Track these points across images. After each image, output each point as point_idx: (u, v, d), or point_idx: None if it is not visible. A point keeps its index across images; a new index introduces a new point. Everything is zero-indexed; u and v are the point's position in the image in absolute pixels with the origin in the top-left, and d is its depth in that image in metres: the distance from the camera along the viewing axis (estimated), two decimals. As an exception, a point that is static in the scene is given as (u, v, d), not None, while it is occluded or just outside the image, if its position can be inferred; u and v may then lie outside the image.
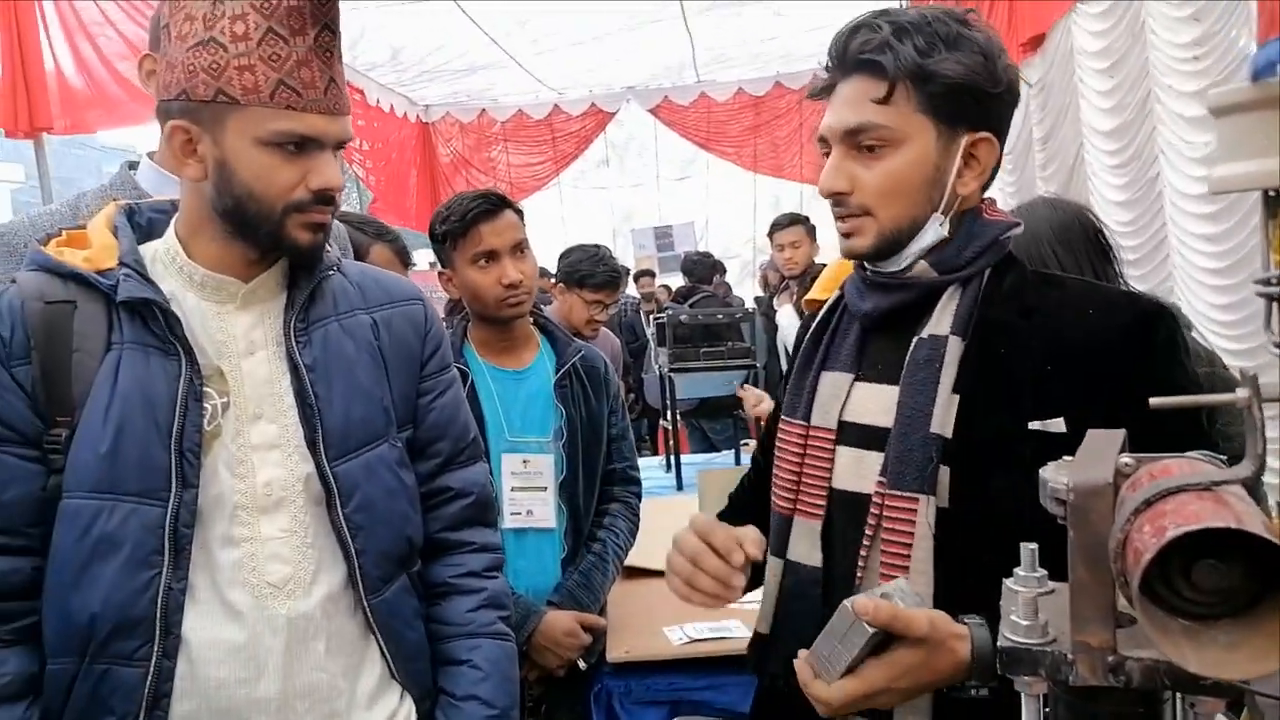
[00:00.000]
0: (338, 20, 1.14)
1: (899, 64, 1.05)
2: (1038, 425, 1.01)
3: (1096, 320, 1.06)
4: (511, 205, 1.98)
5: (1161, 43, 3.87)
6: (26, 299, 1.14)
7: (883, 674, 0.94)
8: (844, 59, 1.10)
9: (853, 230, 1.12)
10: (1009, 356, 1.06)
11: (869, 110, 1.08)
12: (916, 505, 1.05)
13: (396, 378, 1.31)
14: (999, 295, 1.11)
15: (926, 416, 1.06)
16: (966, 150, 1.09)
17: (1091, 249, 1.78)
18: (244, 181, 1.13)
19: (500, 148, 9.87)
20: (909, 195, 1.09)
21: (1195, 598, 0.51)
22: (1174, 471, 0.57)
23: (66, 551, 1.11)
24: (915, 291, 1.12)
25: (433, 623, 1.34)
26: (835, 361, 1.19)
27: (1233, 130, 0.47)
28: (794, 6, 7.10)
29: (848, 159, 1.11)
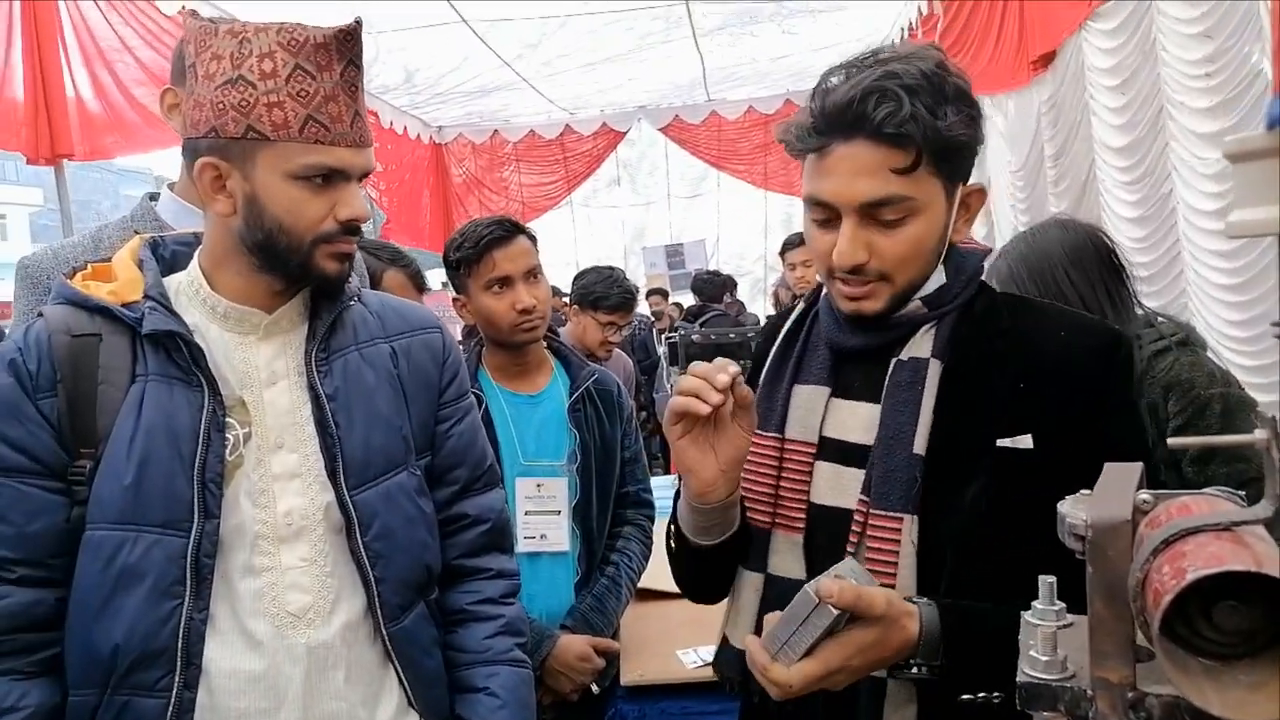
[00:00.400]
0: (362, 55, 1.16)
1: (925, 133, 1.01)
2: (1005, 442, 1.06)
3: (1068, 342, 1.10)
4: (525, 231, 2.00)
5: (1173, 59, 3.87)
6: (53, 332, 1.16)
7: (839, 654, 0.96)
8: (853, 124, 1.03)
9: (864, 295, 1.10)
10: (985, 377, 1.10)
11: (892, 182, 1.03)
12: (901, 524, 1.07)
13: (415, 406, 1.32)
14: (974, 318, 1.14)
15: (909, 437, 1.08)
16: (962, 199, 1.11)
17: (1105, 269, 1.78)
18: (274, 215, 1.15)
19: (512, 168, 9.94)
20: (925, 258, 1.10)
21: (1216, 638, 0.51)
22: (1193, 510, 0.57)
23: (90, 583, 1.12)
24: (906, 329, 1.14)
25: (450, 650, 1.35)
26: (809, 375, 1.20)
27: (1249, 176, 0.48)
28: (803, 25, 7.15)
29: (863, 229, 1.07)
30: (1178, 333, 1.80)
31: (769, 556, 1.18)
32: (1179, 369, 1.73)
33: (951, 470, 1.08)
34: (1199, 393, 1.70)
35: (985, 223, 6.64)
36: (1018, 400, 1.08)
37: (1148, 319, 1.83)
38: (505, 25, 6.50)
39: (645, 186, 10.76)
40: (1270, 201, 0.47)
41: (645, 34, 7.06)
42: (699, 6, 6.54)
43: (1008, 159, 5.93)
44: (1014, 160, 5.79)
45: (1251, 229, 0.48)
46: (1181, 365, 1.73)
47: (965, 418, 1.09)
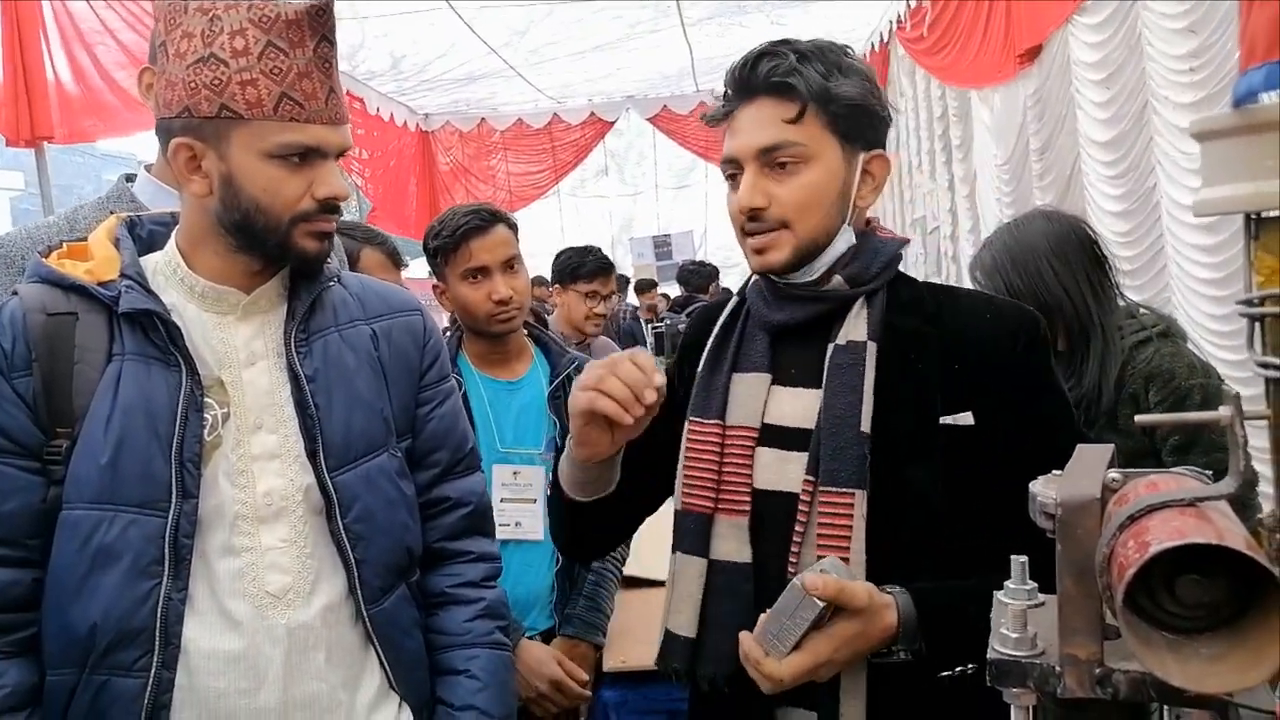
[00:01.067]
0: (334, 31, 1.15)
1: (808, 86, 1.13)
2: (949, 420, 1.14)
3: (991, 324, 1.19)
4: (504, 220, 1.97)
5: (1158, 54, 3.89)
6: (28, 311, 1.15)
7: (827, 646, 1.03)
8: (749, 84, 1.16)
9: (769, 244, 1.18)
10: (918, 359, 1.17)
11: (782, 129, 1.14)
12: (853, 499, 1.12)
13: (396, 388, 1.31)
14: (902, 305, 1.21)
15: (856, 416, 1.14)
16: (864, 167, 1.19)
17: (1088, 260, 1.80)
18: (251, 195, 1.14)
19: (500, 156, 9.90)
20: (823, 208, 1.17)
21: (1179, 611, 0.52)
22: (1160, 487, 0.58)
23: (66, 562, 1.12)
24: (830, 303, 1.20)
25: (430, 632, 1.35)
26: (747, 364, 1.24)
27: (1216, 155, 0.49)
28: (793, 16, 7.14)
29: (762, 177, 1.17)
30: (1159, 324, 1.82)
31: (711, 541, 1.21)
32: (1160, 359, 1.74)
33: (897, 447, 1.13)
34: (1179, 383, 1.72)
35: (971, 215, 6.67)
36: (953, 380, 1.15)
37: (1130, 310, 1.84)
38: (493, 11, 6.46)
39: (633, 177, 10.75)
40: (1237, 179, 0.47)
41: (634, 23, 7.04)
42: (687, -3, 6.53)
43: (993, 152, 5.94)
44: (999, 154, 5.81)
45: (1219, 206, 0.48)
46: (1163, 356, 1.75)
47: (905, 398, 1.15)
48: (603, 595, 2.01)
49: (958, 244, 7.08)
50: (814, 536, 1.14)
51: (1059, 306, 1.76)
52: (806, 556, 1.14)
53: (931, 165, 7.51)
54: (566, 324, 3.30)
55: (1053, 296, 1.76)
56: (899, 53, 7.62)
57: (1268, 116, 0.46)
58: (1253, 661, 0.50)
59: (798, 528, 1.15)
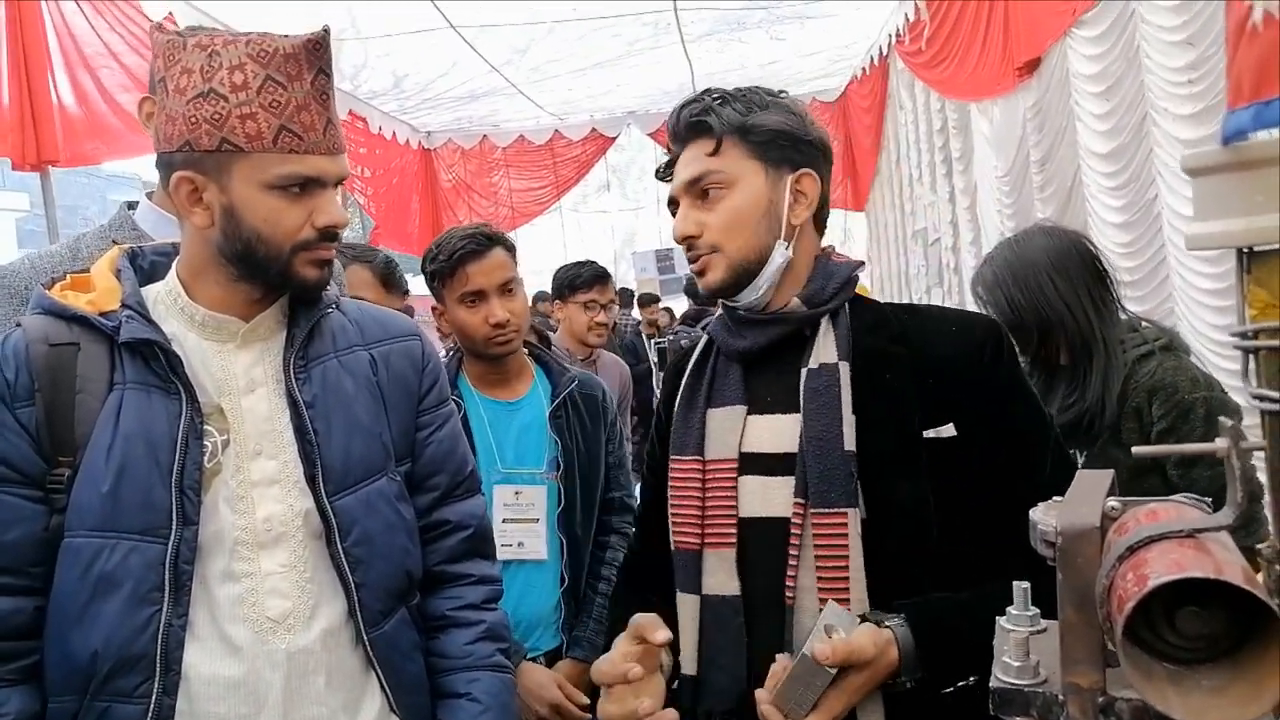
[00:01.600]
0: (331, 63, 1.17)
1: (722, 121, 1.22)
2: (931, 433, 1.16)
3: (956, 338, 1.22)
4: (502, 242, 1.97)
5: (1156, 66, 3.90)
6: (31, 342, 1.16)
7: (841, 701, 1.06)
8: (678, 131, 1.26)
9: (705, 267, 1.24)
10: (891, 377, 1.19)
11: (704, 162, 1.23)
12: (846, 519, 1.13)
13: (395, 413, 1.32)
14: (866, 326, 1.23)
15: (838, 437, 1.16)
16: (793, 186, 1.23)
17: (1089, 275, 1.79)
18: (253, 225, 1.15)
19: (502, 173, 9.93)
20: (749, 227, 1.22)
21: (1179, 643, 0.52)
22: (1160, 516, 0.58)
23: (68, 589, 1.12)
24: (790, 325, 1.24)
25: (431, 656, 1.35)
26: (721, 398, 1.28)
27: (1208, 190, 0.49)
28: (791, 31, 7.17)
29: (693, 208, 1.25)
30: (1161, 337, 1.81)
31: (702, 577, 1.22)
32: (1163, 373, 1.74)
33: (883, 465, 1.16)
34: (1183, 397, 1.71)
35: (972, 227, 6.68)
36: (928, 395, 1.17)
37: (1132, 324, 1.84)
38: (494, 31, 6.50)
39: (635, 192, 10.79)
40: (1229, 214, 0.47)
41: (634, 40, 7.08)
42: (687, 14, 6.56)
43: (994, 164, 5.95)
44: (1000, 166, 5.82)
45: (1212, 241, 0.48)
46: (1165, 370, 1.74)
47: (885, 415, 1.18)
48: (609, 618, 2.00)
49: (959, 255, 7.08)
50: (810, 559, 1.14)
51: (1061, 321, 1.76)
52: (804, 580, 1.14)
53: (932, 177, 7.52)
54: (570, 338, 3.30)
55: (1054, 311, 1.76)
56: (898, 66, 7.64)
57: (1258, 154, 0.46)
58: (1253, 694, 0.49)
59: (792, 551, 1.15)
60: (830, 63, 8.36)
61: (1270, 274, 0.48)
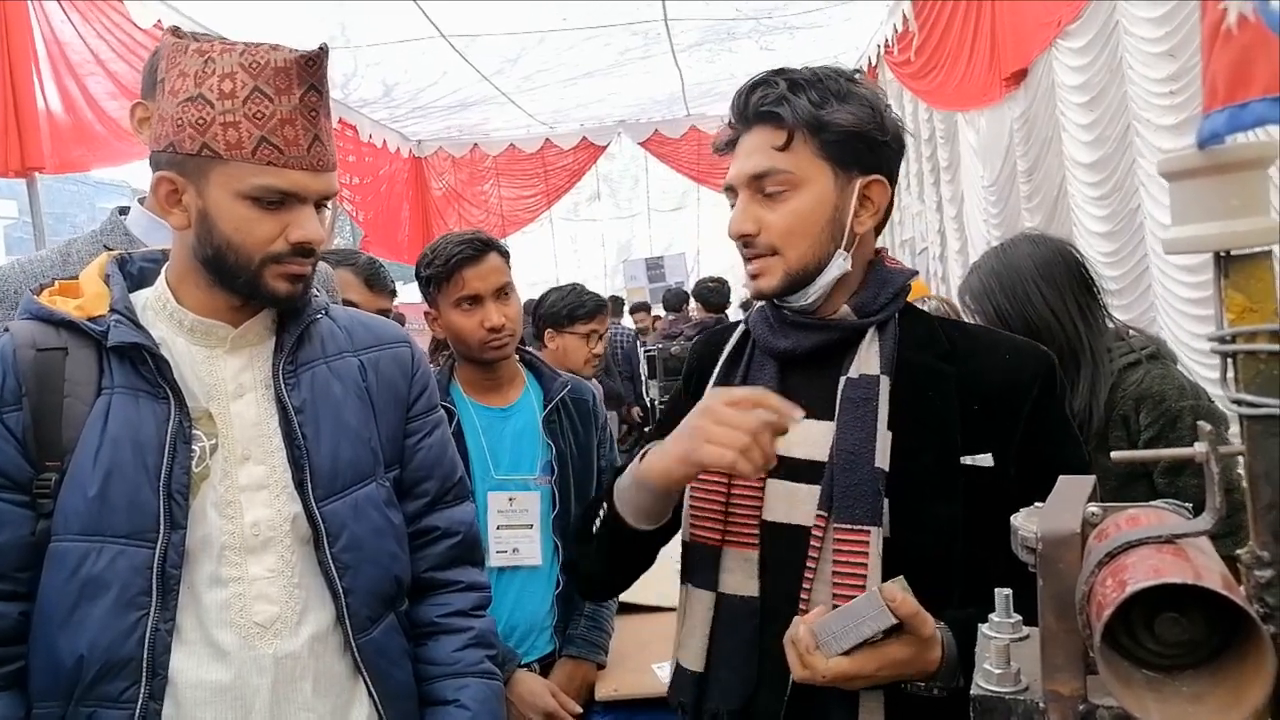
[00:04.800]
0: (325, 80, 1.16)
1: (796, 114, 1.13)
2: (969, 460, 1.12)
3: (1010, 366, 1.16)
4: (497, 248, 1.98)
5: (1139, 77, 3.93)
6: (19, 346, 1.15)
7: (873, 662, 1.01)
8: (745, 113, 1.18)
9: (761, 270, 1.18)
10: (934, 396, 1.14)
11: (771, 157, 1.15)
12: (868, 537, 1.10)
13: (384, 418, 1.32)
14: (914, 340, 1.18)
15: (869, 452, 1.12)
16: (861, 192, 1.17)
17: (1075, 283, 1.80)
18: (223, 233, 1.15)
19: (492, 181, 9.94)
20: (812, 234, 1.16)
21: (1158, 649, 0.52)
22: (1141, 522, 0.58)
23: (54, 593, 1.11)
24: (837, 333, 1.19)
25: (419, 663, 1.34)
26: None
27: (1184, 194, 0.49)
28: (781, 42, 7.21)
29: (753, 203, 1.17)
30: (1148, 346, 1.82)
31: (720, 574, 1.19)
32: (1150, 381, 1.74)
33: (915, 486, 1.11)
34: (1170, 405, 1.72)
35: (959, 236, 6.71)
36: (971, 420, 1.13)
37: (1119, 332, 1.85)
38: (484, 40, 6.51)
39: (626, 200, 10.81)
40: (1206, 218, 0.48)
41: (624, 49, 7.11)
42: (677, 24, 6.59)
43: (980, 174, 5.99)
44: (986, 175, 5.85)
45: (1189, 245, 0.49)
46: (1152, 378, 1.75)
47: (922, 435, 1.13)
48: (603, 615, 2.01)
49: (946, 264, 7.12)
50: (828, 573, 1.12)
51: (1047, 329, 1.77)
52: (819, 593, 1.12)
53: (920, 187, 7.56)
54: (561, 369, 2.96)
55: (1040, 319, 1.77)
56: (887, 76, 7.69)
57: (1234, 157, 0.46)
58: (1233, 701, 0.50)
59: (809, 563, 1.12)
60: (819, 73, 8.38)
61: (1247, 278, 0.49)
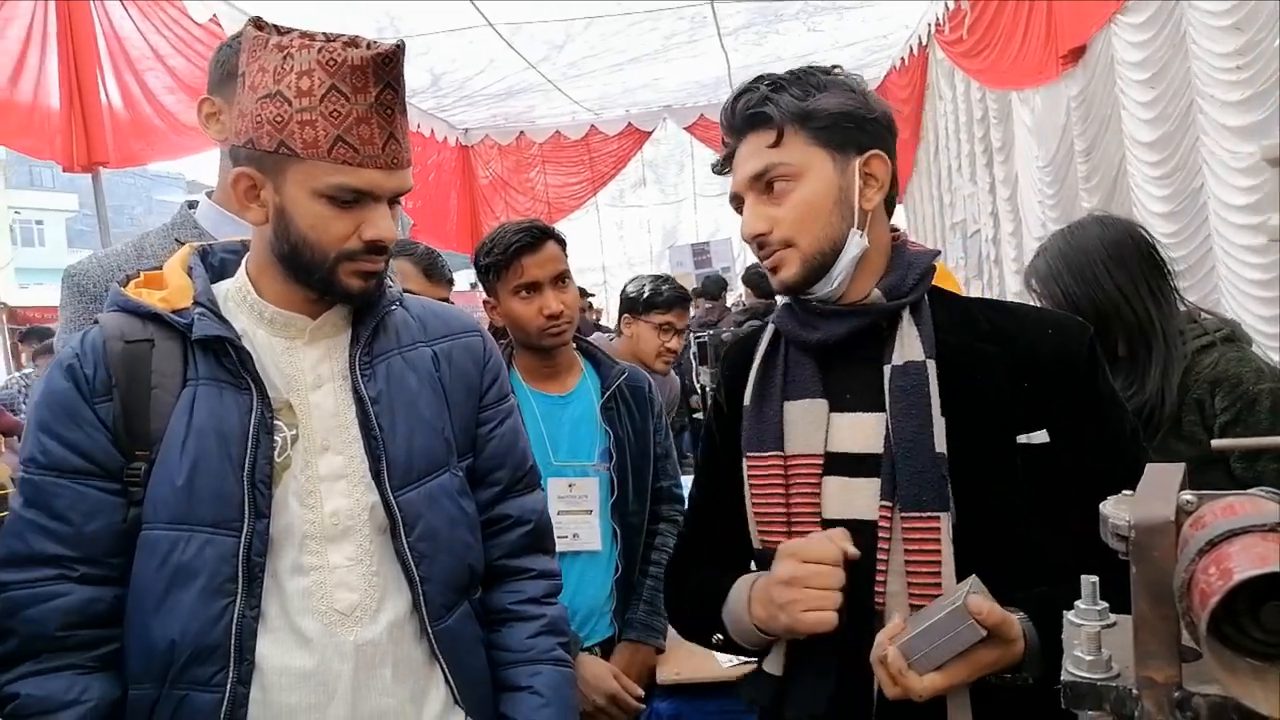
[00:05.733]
0: (401, 78, 1.17)
1: (781, 110, 1.17)
2: (1024, 438, 1.12)
3: (1057, 338, 1.17)
4: (554, 236, 2.00)
5: (1203, 52, 3.83)
6: (108, 338, 1.19)
7: (964, 671, 1.01)
8: (734, 124, 1.21)
9: (778, 263, 1.20)
10: (981, 377, 1.15)
11: (766, 155, 1.18)
12: (938, 524, 1.10)
13: (457, 408, 1.34)
14: (951, 322, 1.19)
15: (928, 437, 1.12)
16: (862, 170, 1.18)
17: (1146, 265, 1.77)
18: (299, 230, 1.17)
19: (538, 169, 9.98)
20: (822, 218, 1.17)
21: (1263, 638, 0.52)
22: (1238, 511, 0.58)
23: (146, 580, 1.16)
24: (869, 317, 1.19)
25: (493, 649, 1.37)
26: (799, 390, 1.22)
27: (1289, 183, 0.49)
28: (829, 22, 7.12)
29: (760, 203, 1.20)
30: (1222, 328, 1.78)
31: None
32: (1225, 364, 1.70)
33: (974, 468, 1.11)
34: (1247, 388, 1.67)
35: (1013, 219, 6.60)
36: (1022, 398, 1.13)
37: (1191, 315, 1.81)
38: (530, 27, 6.53)
39: (672, 186, 10.77)
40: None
41: (670, 34, 7.07)
42: (724, 6, 6.54)
43: (1035, 154, 5.88)
44: (1041, 156, 5.74)
45: (1297, 236, 0.49)
46: (1228, 361, 1.70)
47: (978, 417, 1.13)
48: (662, 600, 2.02)
49: (1000, 247, 7.00)
50: (900, 564, 1.11)
51: (1117, 312, 1.74)
52: (893, 585, 1.11)
53: (971, 168, 7.44)
54: (632, 358, 2.78)
55: (1110, 302, 1.74)
56: (938, 56, 7.56)
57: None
58: (1340, 688, 0.50)
59: (880, 556, 1.12)
60: (868, 53, 8.28)
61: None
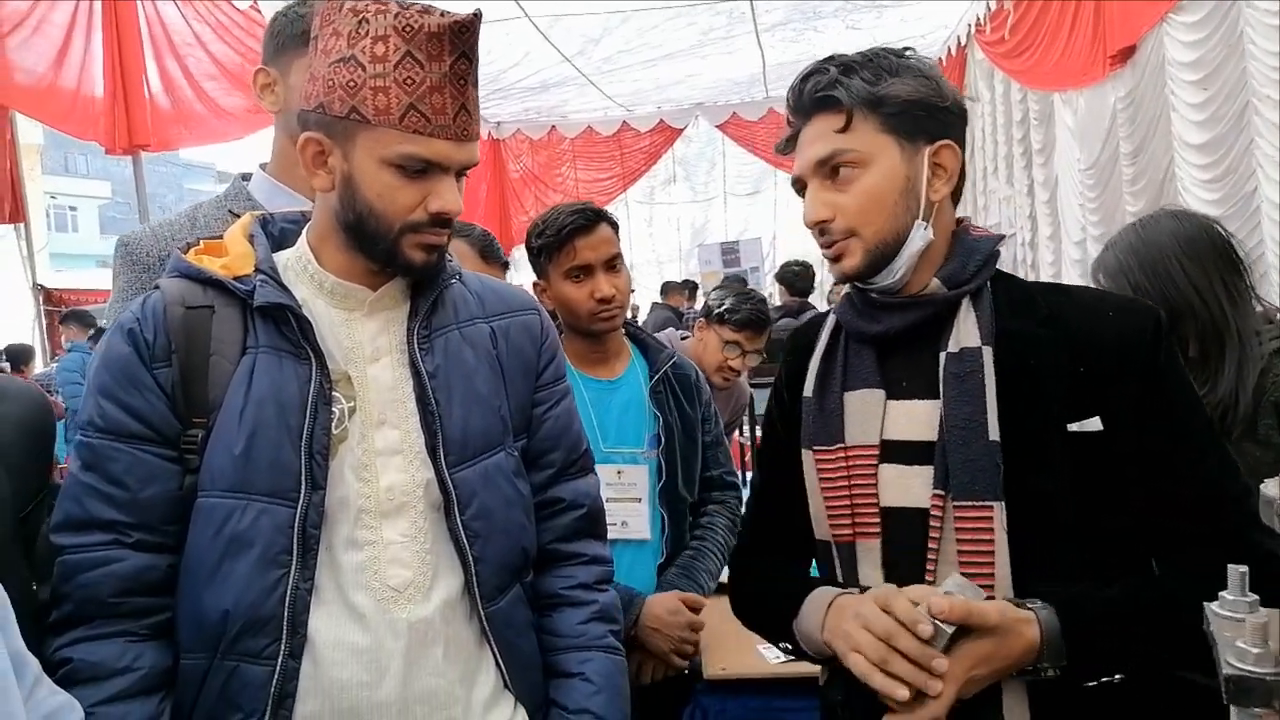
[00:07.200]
0: (476, 48, 1.15)
1: (851, 95, 1.14)
2: (1076, 427, 1.09)
3: (1115, 323, 1.13)
4: (607, 218, 1.96)
5: (1261, 52, 3.76)
6: (169, 304, 1.17)
7: (960, 666, 1.01)
8: (801, 104, 1.19)
9: (841, 253, 1.18)
10: (1036, 363, 1.12)
11: (834, 140, 1.15)
12: (992, 512, 1.08)
13: (513, 387, 1.31)
14: (1009, 307, 1.16)
15: (982, 425, 1.10)
16: (931, 160, 1.16)
17: (1221, 262, 1.71)
18: (366, 198, 1.15)
19: (569, 164, 9.97)
20: (887, 208, 1.15)
21: None
22: None
23: (201, 549, 1.13)
24: (930, 309, 1.17)
25: (544, 634, 1.34)
26: (857, 380, 1.22)
27: None
28: (868, 20, 7.06)
29: (823, 189, 1.18)
30: None
31: (858, 569, 1.19)
32: None
33: (1027, 456, 1.09)
34: None
35: (1051, 222, 6.51)
36: (1078, 384, 1.10)
37: (1268, 315, 1.75)
38: (567, 20, 6.51)
39: (702, 184, 10.73)
40: None
41: (707, 29, 7.04)
42: (762, 2, 6.50)
43: (1076, 156, 5.79)
44: (1083, 158, 5.66)
45: None
46: None
47: (1030, 403, 1.11)
48: (698, 564, 1.98)
49: (1037, 251, 6.92)
50: (952, 553, 1.10)
51: (1190, 309, 1.68)
52: (944, 573, 1.10)
53: (1009, 170, 7.35)
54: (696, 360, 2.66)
55: (1183, 299, 1.68)
56: (976, 56, 7.48)
57: None
58: None
59: (931, 544, 1.11)
60: (906, 53, 8.20)
61: None
